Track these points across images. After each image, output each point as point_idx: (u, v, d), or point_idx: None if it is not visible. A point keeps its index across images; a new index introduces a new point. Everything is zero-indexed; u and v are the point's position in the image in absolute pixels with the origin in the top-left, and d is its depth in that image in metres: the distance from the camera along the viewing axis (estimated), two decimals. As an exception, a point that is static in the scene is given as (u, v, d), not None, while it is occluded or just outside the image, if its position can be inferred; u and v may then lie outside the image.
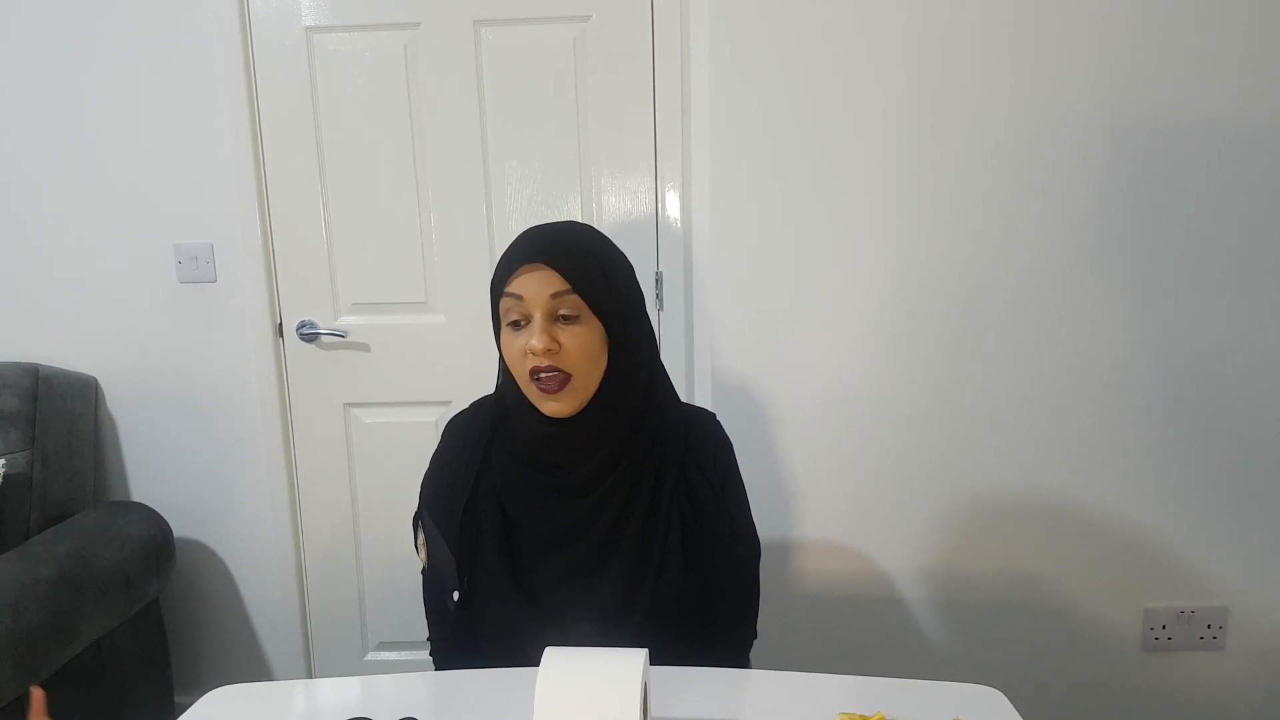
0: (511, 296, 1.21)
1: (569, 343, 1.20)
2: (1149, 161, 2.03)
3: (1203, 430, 2.13)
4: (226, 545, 2.41)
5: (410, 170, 2.23)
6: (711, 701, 1.15)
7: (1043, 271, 2.08)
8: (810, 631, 2.24)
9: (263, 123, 2.23)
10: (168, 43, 2.18)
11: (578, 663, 0.99)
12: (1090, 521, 2.17)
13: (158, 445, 2.36)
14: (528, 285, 1.20)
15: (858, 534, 2.21)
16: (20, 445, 2.09)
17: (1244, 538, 2.16)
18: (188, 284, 2.28)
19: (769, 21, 2.02)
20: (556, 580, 1.28)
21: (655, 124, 2.19)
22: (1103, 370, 2.11)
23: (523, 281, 1.20)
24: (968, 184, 2.06)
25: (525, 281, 1.20)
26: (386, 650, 2.47)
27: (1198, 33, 1.98)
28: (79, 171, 2.24)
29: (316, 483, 2.39)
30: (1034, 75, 2.01)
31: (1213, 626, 2.20)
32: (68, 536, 2.04)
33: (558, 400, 1.22)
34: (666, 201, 2.22)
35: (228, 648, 2.46)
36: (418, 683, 1.28)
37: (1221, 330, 2.08)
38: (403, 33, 2.18)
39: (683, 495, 1.30)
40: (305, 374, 2.34)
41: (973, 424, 2.15)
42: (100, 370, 2.33)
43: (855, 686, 1.17)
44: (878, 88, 2.03)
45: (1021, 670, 2.23)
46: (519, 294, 1.21)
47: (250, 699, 1.23)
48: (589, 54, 2.17)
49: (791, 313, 2.13)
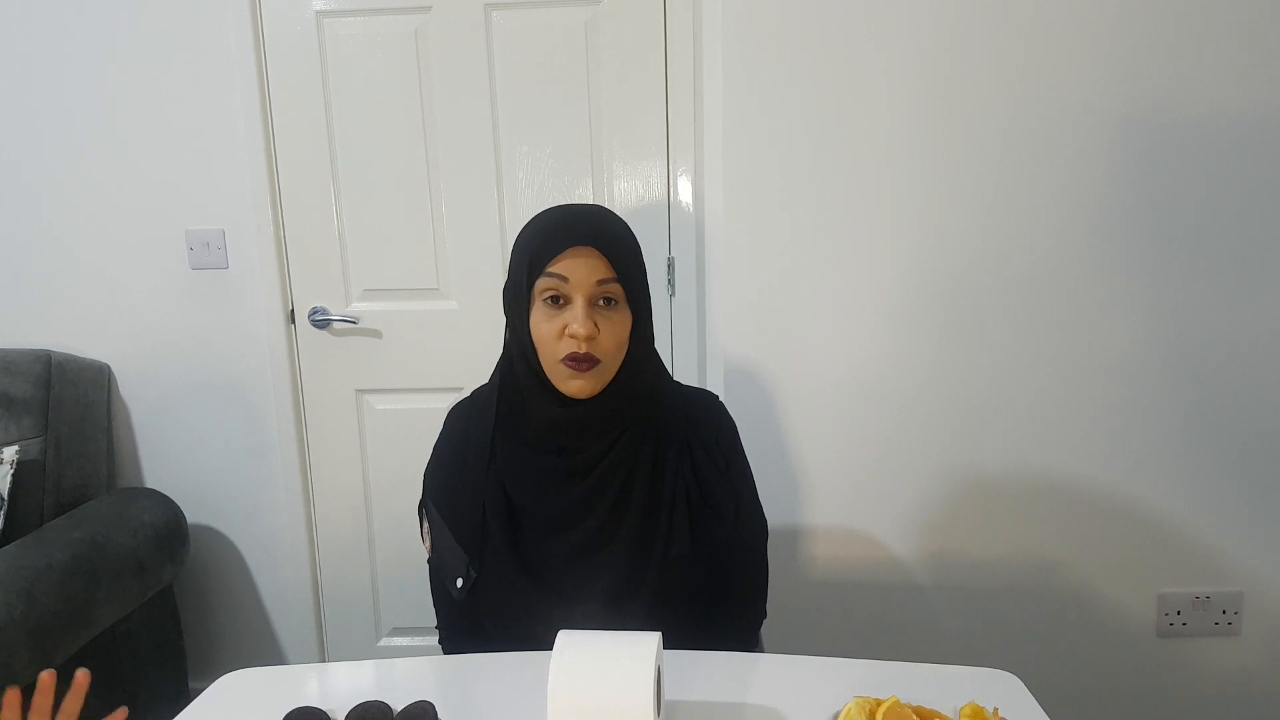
0: (555, 276, 1.19)
1: (606, 330, 1.20)
2: (1156, 151, 2.02)
3: (1216, 415, 2.11)
4: (240, 531, 2.42)
5: (421, 155, 2.22)
6: (724, 685, 1.15)
7: (1053, 256, 2.07)
8: (822, 617, 2.24)
9: (274, 108, 2.23)
10: (179, 29, 2.18)
11: (591, 645, 0.99)
12: (1104, 507, 2.16)
13: (170, 432, 2.37)
14: (575, 268, 1.19)
15: (870, 519, 2.21)
16: (33, 432, 2.10)
17: (1259, 523, 2.15)
18: (200, 270, 2.28)
19: (782, 6, 2.01)
20: (563, 561, 1.28)
21: (667, 108, 2.18)
22: (1115, 356, 2.10)
23: (570, 264, 1.19)
24: (978, 171, 2.04)
25: (573, 264, 1.19)
26: (400, 636, 2.47)
27: (1204, 26, 1.97)
28: (91, 158, 2.24)
29: (329, 469, 2.40)
30: (1045, 64, 2.00)
31: (1228, 612, 2.19)
32: (81, 523, 2.05)
33: (584, 379, 1.21)
34: (679, 186, 2.21)
35: (241, 633, 2.47)
36: (431, 666, 1.27)
37: (1234, 316, 2.07)
38: (414, 17, 2.17)
39: (688, 473, 1.30)
40: (317, 360, 2.34)
41: (984, 409, 2.14)
42: (113, 357, 2.33)
43: (869, 670, 1.16)
44: (889, 74, 2.02)
45: (1036, 656, 2.23)
46: (564, 275, 1.19)
47: (264, 682, 1.23)
48: (601, 38, 2.16)
49: (802, 298, 2.12)
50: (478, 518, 1.30)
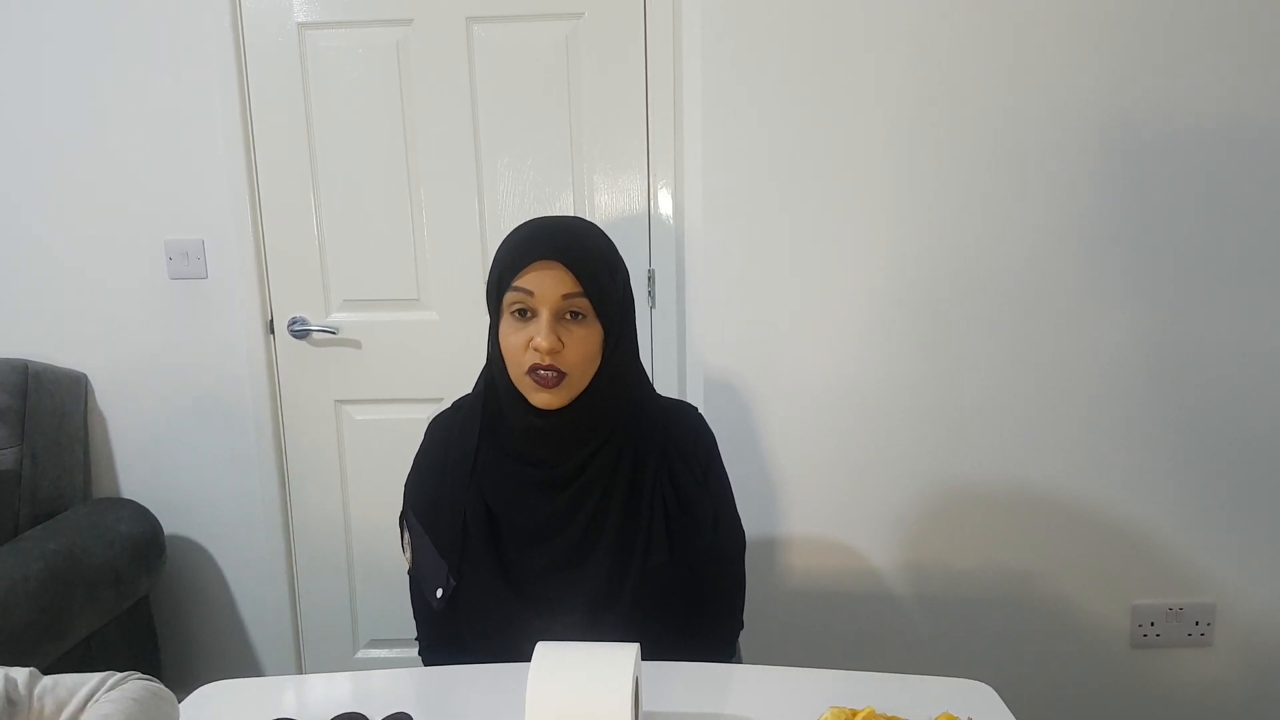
0: (520, 291, 1.21)
1: (572, 344, 1.21)
2: (1145, 158, 2.04)
3: (1193, 428, 2.14)
4: (217, 542, 2.40)
5: (402, 167, 2.23)
6: (702, 696, 1.16)
7: (1035, 270, 2.09)
8: (799, 628, 2.25)
9: (255, 119, 2.22)
10: (160, 39, 2.17)
11: (569, 658, 0.99)
12: (1080, 518, 2.18)
13: (148, 442, 2.35)
14: (540, 282, 1.20)
15: (848, 530, 2.22)
16: (9, 441, 2.08)
17: (1233, 535, 2.17)
18: (179, 280, 2.27)
19: (762, 18, 2.03)
20: (543, 571, 1.29)
21: (648, 121, 2.19)
22: (1093, 368, 2.12)
23: (535, 278, 1.20)
24: (963, 181, 2.06)
25: (538, 278, 1.20)
26: (378, 648, 2.46)
27: (1193, 33, 2.00)
28: (70, 167, 2.23)
29: (308, 480, 2.39)
30: (1031, 71, 2.02)
31: (1200, 623, 2.21)
32: (57, 533, 2.03)
33: (550, 394, 1.22)
34: (659, 199, 2.22)
35: (218, 645, 2.45)
36: (409, 678, 1.28)
37: (1214, 329, 2.10)
38: (395, 29, 2.17)
39: (666, 482, 1.31)
40: (296, 371, 2.34)
41: (963, 420, 2.16)
42: (90, 366, 2.32)
43: (845, 681, 1.18)
44: (872, 85, 2.04)
45: (1010, 666, 2.24)
46: (530, 289, 1.20)
47: (241, 694, 1.23)
48: (581, 51, 2.17)
49: (784, 309, 2.13)
50: (458, 527, 1.31)
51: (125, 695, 0.94)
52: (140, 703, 0.94)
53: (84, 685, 0.94)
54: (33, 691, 0.93)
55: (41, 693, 0.93)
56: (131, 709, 0.93)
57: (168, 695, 1.00)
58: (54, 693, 0.93)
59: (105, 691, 0.94)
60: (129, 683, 0.97)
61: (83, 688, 0.94)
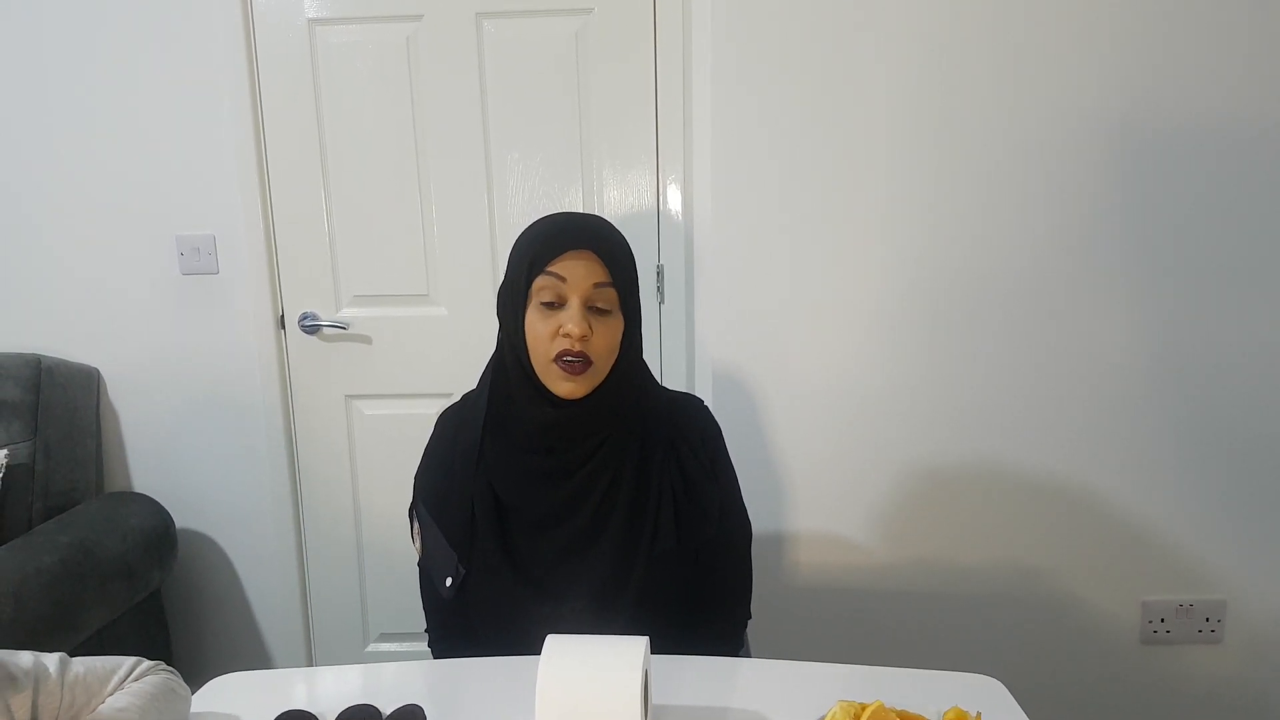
0: (553, 276, 1.23)
1: (599, 333, 1.24)
2: (1146, 158, 2.03)
3: (1202, 423, 2.13)
4: (228, 536, 2.42)
5: (412, 162, 2.23)
6: (711, 689, 1.16)
7: (1041, 265, 2.08)
8: (807, 622, 2.25)
9: (265, 114, 2.23)
10: (170, 34, 2.18)
11: (579, 650, 0.99)
12: (1089, 514, 2.18)
13: (159, 436, 2.37)
14: (574, 269, 1.23)
15: (855, 525, 2.22)
16: (22, 436, 2.10)
17: (1242, 531, 2.17)
18: (190, 275, 2.28)
19: (771, 15, 2.02)
20: (551, 559, 1.30)
21: (657, 117, 2.19)
22: (1101, 364, 2.12)
23: (568, 265, 1.23)
24: (968, 177, 2.06)
25: (571, 265, 1.23)
26: (388, 641, 2.47)
27: (1195, 34, 1.99)
28: (82, 163, 2.24)
29: (318, 474, 2.40)
30: (1035, 70, 2.01)
31: (1211, 620, 2.20)
32: (70, 527, 2.04)
33: (575, 382, 1.24)
34: (668, 194, 2.22)
35: (229, 638, 2.47)
36: (419, 671, 1.28)
37: (1221, 325, 2.09)
38: (405, 25, 2.18)
39: (674, 472, 1.33)
40: (307, 366, 2.34)
41: (971, 416, 2.15)
42: (102, 361, 2.33)
43: (854, 675, 1.18)
44: (879, 82, 2.04)
45: (1020, 662, 2.24)
46: (563, 275, 1.23)
47: (252, 687, 1.23)
48: (591, 47, 2.17)
49: (791, 305, 2.13)
50: (467, 517, 1.32)
51: (142, 689, 1.01)
52: (155, 698, 1.01)
53: (114, 674, 1.02)
54: (64, 678, 0.99)
55: (73, 681, 0.99)
56: (145, 703, 1.00)
57: (183, 692, 1.08)
58: (85, 681, 1.00)
59: (130, 681, 1.02)
60: (151, 674, 1.04)
61: (112, 677, 1.02)
